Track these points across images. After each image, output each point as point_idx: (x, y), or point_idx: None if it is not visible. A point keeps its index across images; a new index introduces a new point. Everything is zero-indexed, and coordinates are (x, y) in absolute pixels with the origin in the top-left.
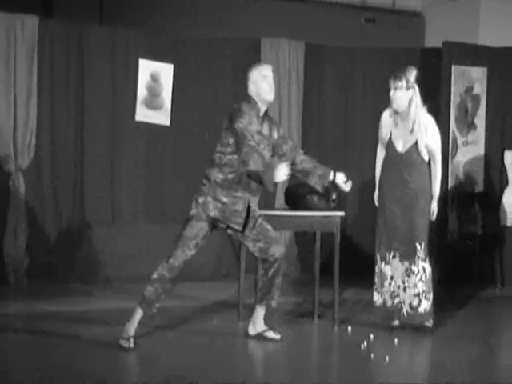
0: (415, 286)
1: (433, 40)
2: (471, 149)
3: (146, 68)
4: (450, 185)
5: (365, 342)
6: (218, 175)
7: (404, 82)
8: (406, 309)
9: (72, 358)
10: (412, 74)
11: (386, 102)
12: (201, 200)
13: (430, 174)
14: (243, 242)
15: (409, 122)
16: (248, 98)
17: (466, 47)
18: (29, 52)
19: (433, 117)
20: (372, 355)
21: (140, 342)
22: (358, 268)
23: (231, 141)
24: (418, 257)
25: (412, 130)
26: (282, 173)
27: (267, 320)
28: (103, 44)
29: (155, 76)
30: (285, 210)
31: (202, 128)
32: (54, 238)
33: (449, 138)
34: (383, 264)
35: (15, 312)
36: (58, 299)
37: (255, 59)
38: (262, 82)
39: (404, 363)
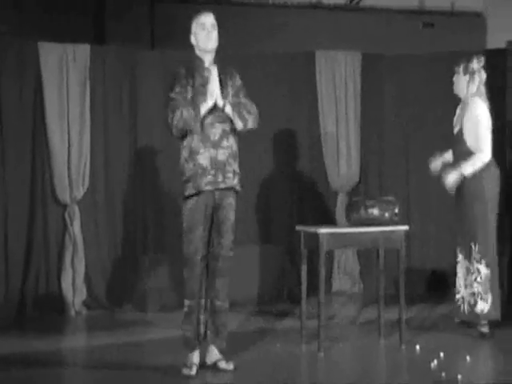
0: (471, 285)
1: (495, 41)
2: None
3: None
4: None
5: (435, 361)
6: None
7: (462, 68)
8: (465, 306)
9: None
10: (473, 61)
11: (450, 108)
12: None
13: (488, 171)
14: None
15: (464, 107)
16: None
17: None
18: (81, 79)
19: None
20: (443, 374)
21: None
22: (421, 283)
23: None
24: (474, 257)
25: (464, 116)
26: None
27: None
28: (155, 67)
29: None
30: (346, 226)
31: (257, 146)
32: (111, 268)
33: None
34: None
35: (76, 345)
36: (118, 330)
37: (310, 73)
38: (199, 31)
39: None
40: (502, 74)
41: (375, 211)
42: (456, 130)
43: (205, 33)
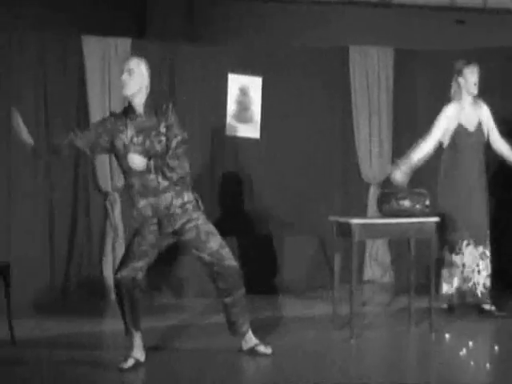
0: (487, 267)
1: None
2: None
3: (235, 82)
4: None
5: (464, 349)
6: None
7: None
8: (480, 289)
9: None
10: None
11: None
12: None
13: None
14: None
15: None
16: None
17: None
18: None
19: None
20: (472, 363)
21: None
22: None
23: None
24: (487, 243)
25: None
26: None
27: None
28: (194, 62)
29: (244, 90)
30: (378, 217)
31: (291, 140)
32: None
33: None
34: (453, 255)
35: (115, 328)
36: (155, 314)
37: (344, 68)
38: (123, 77)
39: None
40: None
41: (406, 203)
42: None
43: (125, 80)
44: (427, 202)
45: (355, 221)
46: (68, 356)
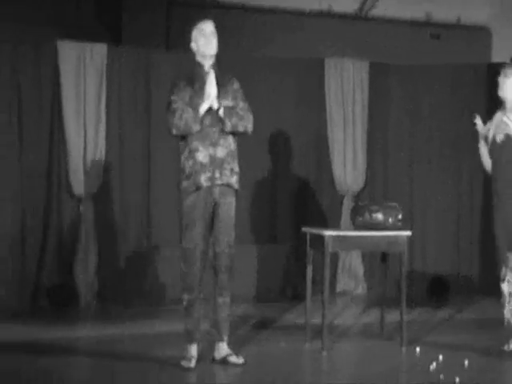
0: None
1: (500, 55)
2: None
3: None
4: None
5: (434, 363)
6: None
7: None
8: None
9: (140, 381)
10: None
11: (454, 118)
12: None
13: None
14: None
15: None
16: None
17: None
18: (98, 77)
19: None
20: (441, 376)
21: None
22: (423, 287)
23: None
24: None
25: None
26: (206, 102)
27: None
28: (169, 68)
29: None
30: (351, 229)
31: (266, 150)
32: (123, 261)
33: None
34: (501, 283)
35: (85, 335)
36: (127, 322)
37: (319, 79)
38: (199, 37)
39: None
40: None
41: (379, 216)
42: (501, 136)
43: (204, 39)
44: (400, 216)
45: (328, 232)
46: (34, 362)
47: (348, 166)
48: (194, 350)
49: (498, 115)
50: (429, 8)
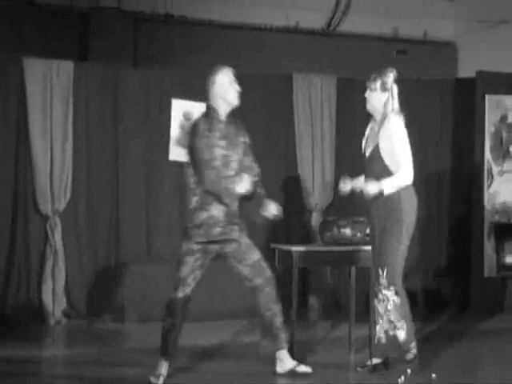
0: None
1: (466, 70)
2: (508, 177)
3: (179, 108)
4: (486, 215)
5: (402, 377)
6: (192, 202)
7: (378, 84)
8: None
9: None
10: (389, 76)
11: (420, 133)
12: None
13: (408, 195)
14: (237, 266)
15: (378, 124)
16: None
17: (500, 76)
18: (64, 94)
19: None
20: None
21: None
22: None
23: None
24: (381, 284)
25: (378, 133)
26: (244, 185)
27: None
28: (137, 85)
29: (188, 115)
30: (319, 245)
31: None
32: (92, 279)
33: (484, 167)
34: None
35: (52, 354)
36: (95, 340)
37: (287, 95)
38: (230, 86)
39: None
40: (471, 103)
41: (347, 231)
42: (369, 150)
43: (235, 90)
44: (367, 231)
45: (295, 248)
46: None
47: (316, 181)
48: (164, 367)
49: (369, 128)
50: (395, 24)
